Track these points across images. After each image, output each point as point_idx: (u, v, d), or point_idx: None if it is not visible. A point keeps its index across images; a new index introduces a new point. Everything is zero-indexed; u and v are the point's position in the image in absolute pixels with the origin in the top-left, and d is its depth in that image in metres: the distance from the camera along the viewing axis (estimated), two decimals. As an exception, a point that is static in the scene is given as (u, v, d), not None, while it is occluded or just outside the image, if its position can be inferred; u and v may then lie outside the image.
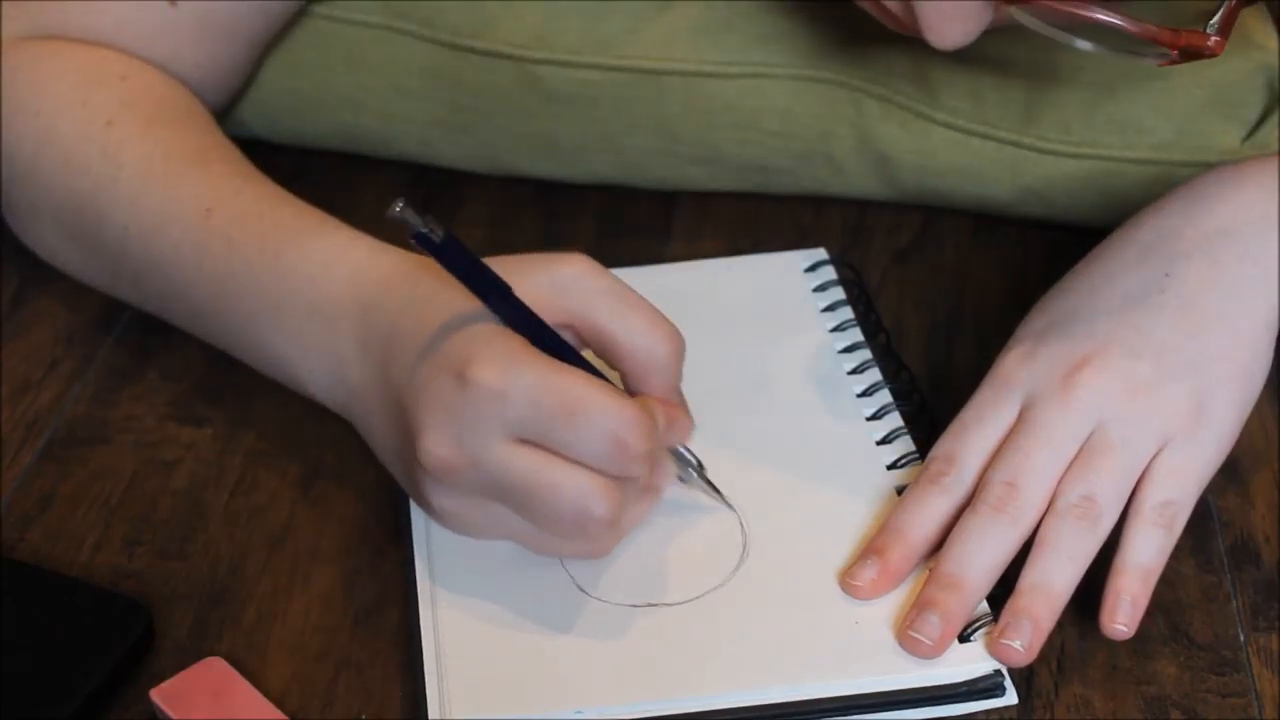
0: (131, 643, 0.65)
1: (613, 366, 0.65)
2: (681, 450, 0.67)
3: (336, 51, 0.88)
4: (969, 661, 0.63)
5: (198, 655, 0.65)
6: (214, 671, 0.64)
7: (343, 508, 0.71)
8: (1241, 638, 0.66)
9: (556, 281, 0.63)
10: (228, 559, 0.70)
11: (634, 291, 0.64)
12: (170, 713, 0.62)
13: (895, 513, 0.66)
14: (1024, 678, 0.64)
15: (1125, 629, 0.63)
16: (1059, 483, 0.64)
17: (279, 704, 0.63)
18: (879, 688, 0.62)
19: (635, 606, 0.65)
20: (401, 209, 0.59)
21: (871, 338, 0.77)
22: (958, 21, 0.64)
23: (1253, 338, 0.65)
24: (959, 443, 0.67)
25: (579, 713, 0.61)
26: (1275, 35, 0.85)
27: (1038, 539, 0.63)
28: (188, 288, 0.74)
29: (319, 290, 0.69)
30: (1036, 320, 0.69)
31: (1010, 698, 0.62)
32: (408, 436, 0.63)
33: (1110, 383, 0.64)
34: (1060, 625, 0.65)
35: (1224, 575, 0.69)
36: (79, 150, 0.77)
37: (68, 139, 0.77)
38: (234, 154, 0.78)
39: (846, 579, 0.65)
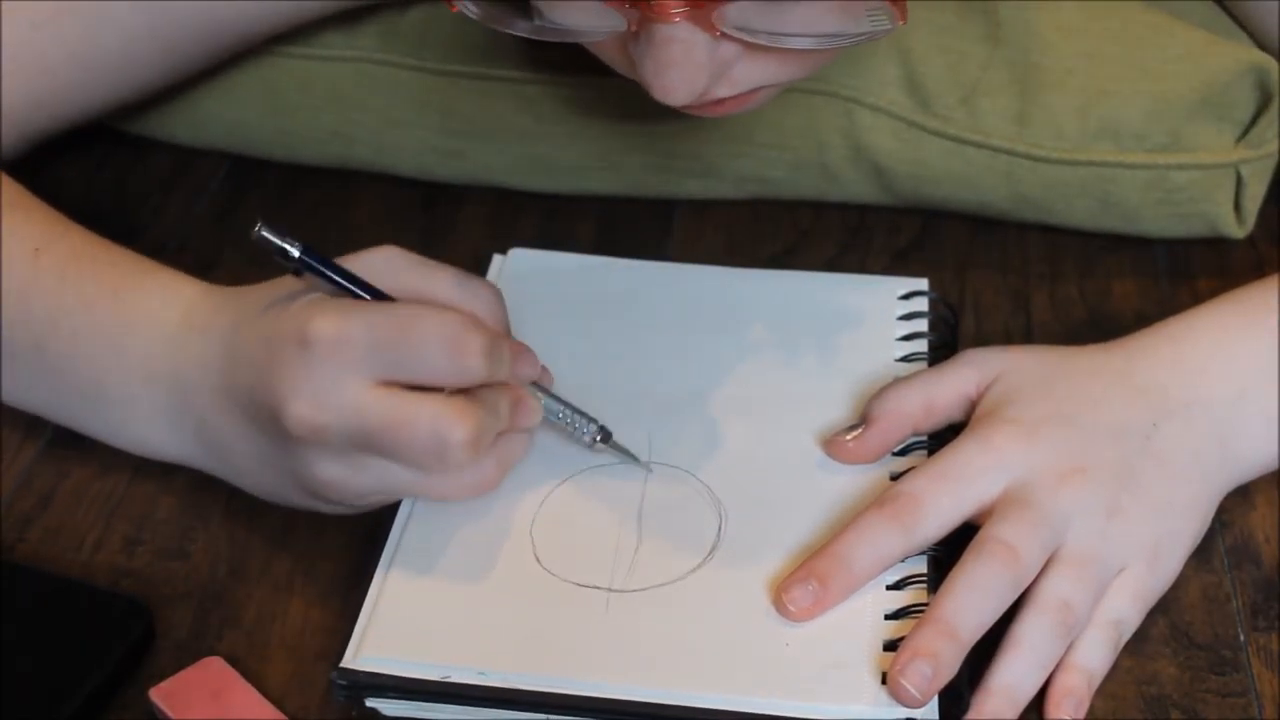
0: (131, 643, 0.65)
1: None
2: (581, 419, 0.70)
3: (321, 90, 0.88)
4: (886, 704, 0.61)
5: (197, 655, 0.65)
6: (213, 671, 0.64)
7: (343, 508, 0.71)
8: (1241, 638, 0.66)
9: (369, 268, 0.65)
10: (228, 559, 0.70)
11: (438, 263, 0.67)
12: (170, 712, 0.62)
13: (844, 537, 0.65)
14: (1024, 677, 0.64)
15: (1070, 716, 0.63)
16: (1040, 573, 0.64)
17: (279, 704, 0.63)
18: (790, 713, 0.61)
19: (581, 586, 0.65)
20: (261, 231, 0.63)
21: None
22: (674, 67, 0.63)
23: (1208, 501, 0.68)
24: (935, 491, 0.66)
25: (482, 675, 0.62)
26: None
27: (1014, 636, 0.63)
28: (10, 328, 0.72)
29: (158, 324, 0.69)
30: (1035, 406, 0.68)
31: None
32: (271, 422, 0.64)
33: (1096, 497, 0.65)
34: (1060, 625, 0.66)
35: (1224, 575, 0.69)
36: None
37: None
38: (44, 204, 0.76)
39: (782, 598, 0.64)
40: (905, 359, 0.76)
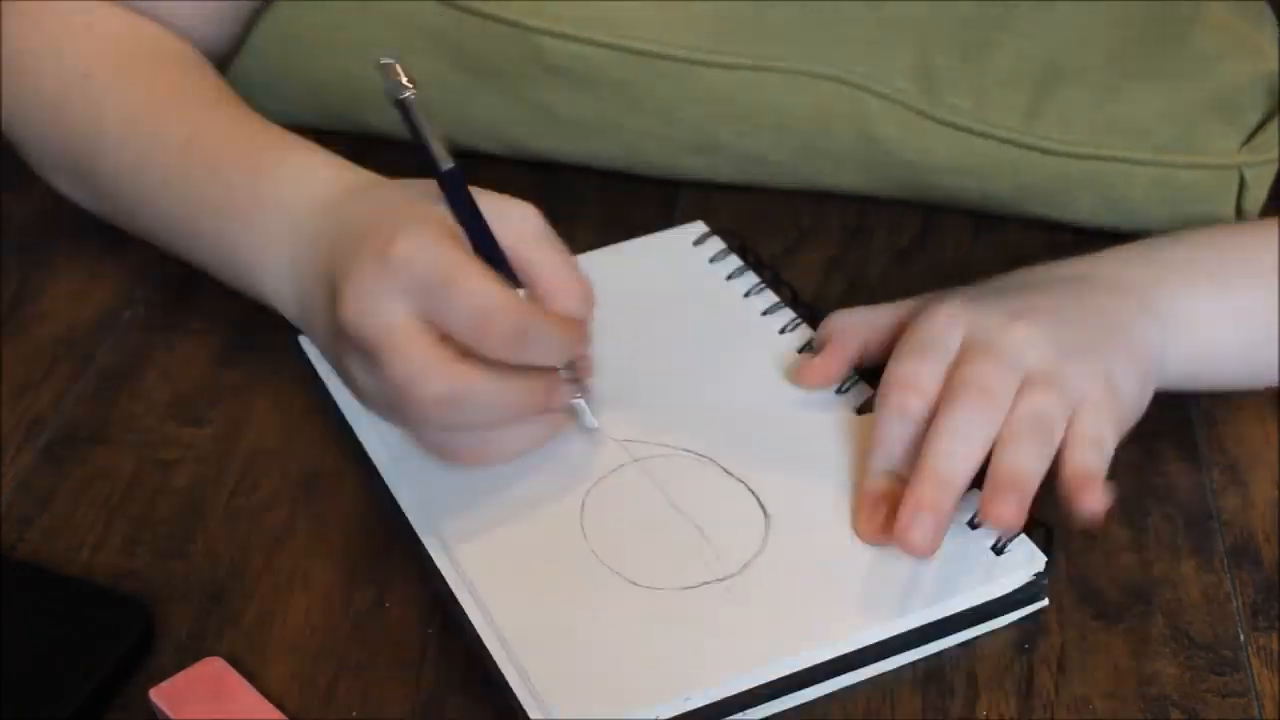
0: (131, 642, 0.65)
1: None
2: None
3: (339, 37, 0.88)
4: (1008, 573, 0.65)
5: (198, 655, 0.65)
6: (214, 671, 0.64)
7: (343, 508, 0.71)
8: (1241, 638, 0.66)
9: (503, 213, 0.66)
10: (228, 559, 0.70)
11: (561, 245, 0.68)
12: (170, 713, 0.62)
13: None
14: (1025, 678, 0.64)
15: (1097, 501, 0.64)
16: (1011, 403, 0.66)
17: (279, 704, 0.63)
18: (931, 619, 0.64)
19: (688, 589, 0.65)
20: (386, 63, 0.64)
21: (775, 288, 0.79)
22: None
23: (1146, 355, 0.70)
24: (919, 364, 0.68)
25: (689, 700, 0.61)
26: (1277, 41, 0.85)
27: (1001, 438, 0.65)
28: (170, 215, 0.78)
29: (288, 199, 0.72)
30: (965, 290, 0.72)
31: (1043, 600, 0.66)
32: (329, 312, 0.66)
33: (1044, 337, 0.67)
34: (1061, 626, 0.66)
35: (1224, 575, 0.69)
36: (64, 105, 0.80)
37: (51, 95, 0.81)
38: (211, 83, 0.81)
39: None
40: (748, 294, 0.79)
